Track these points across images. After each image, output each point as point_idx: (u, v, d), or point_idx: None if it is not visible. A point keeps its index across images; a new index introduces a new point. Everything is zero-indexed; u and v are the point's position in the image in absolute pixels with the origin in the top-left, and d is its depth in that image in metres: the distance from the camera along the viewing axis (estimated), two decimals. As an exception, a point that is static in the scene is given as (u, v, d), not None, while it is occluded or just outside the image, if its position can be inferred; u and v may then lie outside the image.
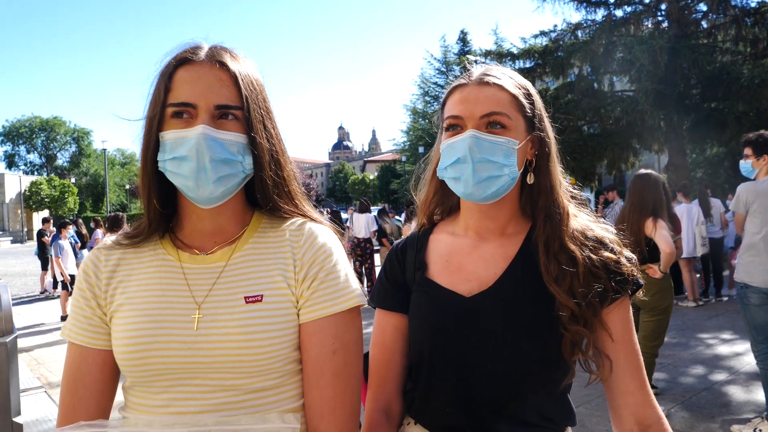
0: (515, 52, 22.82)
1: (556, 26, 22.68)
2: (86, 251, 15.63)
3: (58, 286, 13.56)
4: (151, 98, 1.45)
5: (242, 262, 1.50)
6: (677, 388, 6.89)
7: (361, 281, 14.75)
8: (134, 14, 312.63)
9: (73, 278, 12.73)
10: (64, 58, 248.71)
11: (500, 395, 1.58)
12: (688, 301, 11.88)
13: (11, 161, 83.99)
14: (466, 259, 1.71)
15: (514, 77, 1.68)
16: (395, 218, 19.18)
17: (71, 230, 15.56)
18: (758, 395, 6.47)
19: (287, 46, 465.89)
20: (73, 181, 68.88)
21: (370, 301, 1.83)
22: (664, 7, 20.38)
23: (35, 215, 60.07)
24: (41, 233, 18.01)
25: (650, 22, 21.53)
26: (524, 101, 1.63)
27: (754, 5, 19.28)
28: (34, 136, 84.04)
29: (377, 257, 15.37)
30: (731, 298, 12.43)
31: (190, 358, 1.37)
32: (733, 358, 8.03)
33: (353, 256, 14.87)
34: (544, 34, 22.78)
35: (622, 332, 1.60)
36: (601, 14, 21.66)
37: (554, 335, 1.54)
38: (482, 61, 25.01)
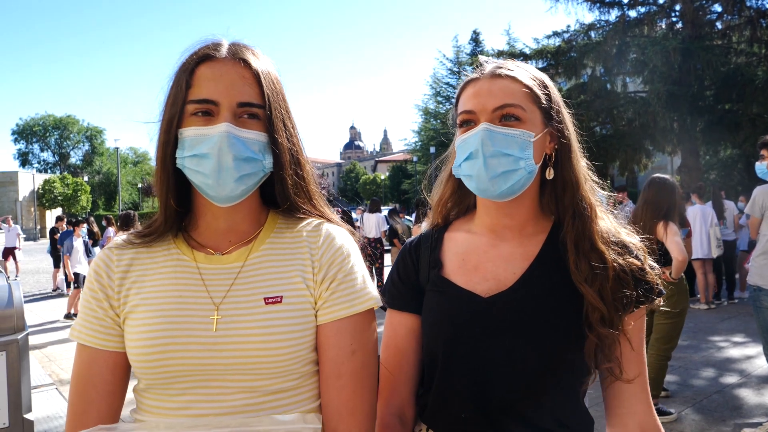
0: (528, 52, 22.80)
1: (569, 27, 22.69)
2: (98, 249, 15.68)
3: (71, 284, 13.57)
4: (169, 94, 1.43)
5: (260, 262, 1.48)
6: (688, 390, 6.86)
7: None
8: (149, 13, 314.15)
9: (83, 277, 12.76)
10: (78, 57, 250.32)
11: (517, 399, 1.51)
12: (700, 303, 11.82)
13: (25, 159, 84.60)
14: (483, 258, 1.64)
15: (528, 69, 1.62)
16: (405, 218, 19.18)
17: (84, 228, 15.62)
18: (770, 399, 6.44)
19: (299, 45, 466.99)
20: (85, 179, 69.46)
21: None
22: (678, 7, 20.30)
23: (48, 213, 60.48)
24: (54, 231, 18.11)
25: (664, 22, 21.44)
26: (539, 93, 1.57)
27: (769, 6, 19.19)
28: (47, 134, 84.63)
29: (387, 257, 15.35)
30: (742, 300, 12.40)
31: (209, 359, 1.35)
32: (744, 361, 7.98)
33: (363, 256, 14.83)
34: (557, 34, 22.76)
35: (637, 341, 1.57)
36: (614, 15, 21.65)
37: (577, 338, 1.49)
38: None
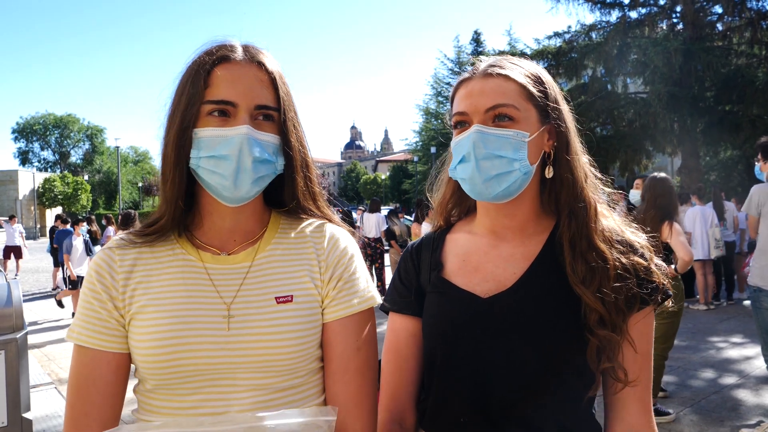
0: (528, 53, 22.84)
1: (570, 27, 22.68)
2: (98, 248, 15.67)
3: (67, 284, 13.54)
4: (183, 94, 1.42)
5: (268, 262, 1.50)
6: (687, 391, 6.86)
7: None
8: (149, 13, 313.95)
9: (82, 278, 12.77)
10: (78, 55, 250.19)
11: (517, 403, 1.48)
12: (699, 304, 11.82)
13: (25, 158, 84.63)
14: (483, 258, 1.62)
15: (523, 65, 1.59)
16: (405, 218, 19.15)
17: (84, 227, 15.60)
18: (767, 399, 6.47)
19: (300, 45, 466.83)
20: (86, 178, 69.46)
21: (383, 305, 1.77)
22: (679, 9, 20.29)
23: (48, 212, 60.40)
24: (54, 230, 18.10)
25: (665, 24, 21.43)
26: (534, 90, 1.53)
27: (770, 8, 19.18)
28: (48, 133, 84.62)
29: (386, 257, 15.35)
30: (739, 301, 12.42)
31: (222, 358, 1.37)
32: (743, 361, 7.98)
33: (363, 255, 14.81)
34: (557, 35, 22.77)
35: (641, 345, 1.51)
36: (615, 16, 21.65)
37: (578, 341, 1.45)
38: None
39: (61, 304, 13.39)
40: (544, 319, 1.49)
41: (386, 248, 15.01)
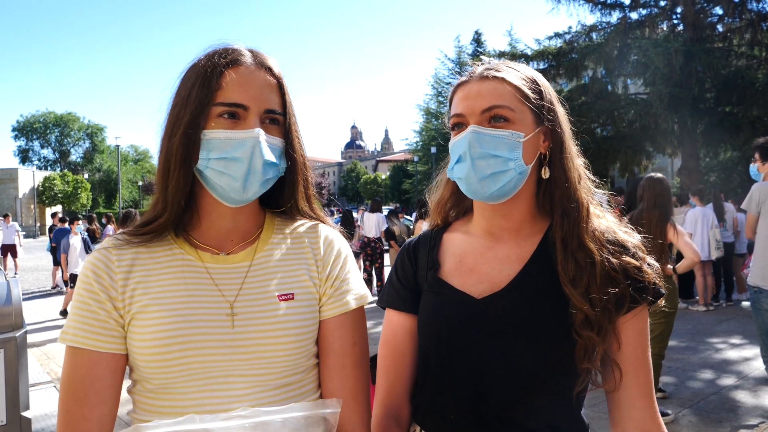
0: (529, 53, 22.76)
1: (570, 28, 22.64)
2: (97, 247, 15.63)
3: (67, 283, 13.49)
4: (191, 95, 1.43)
5: (267, 261, 1.54)
6: (685, 392, 6.86)
7: (370, 281, 14.77)
8: (150, 12, 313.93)
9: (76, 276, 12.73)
10: (79, 54, 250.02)
11: (508, 401, 1.51)
12: (699, 305, 11.83)
13: (25, 156, 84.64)
14: (479, 260, 1.65)
15: (519, 69, 1.62)
16: (405, 218, 19.15)
17: (81, 225, 15.54)
18: (766, 400, 6.47)
19: (300, 44, 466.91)
20: (86, 176, 69.37)
21: (379, 301, 1.82)
22: (679, 10, 20.27)
23: (48, 210, 60.32)
24: (53, 228, 18.10)
25: (665, 25, 21.41)
26: (529, 92, 1.56)
27: (770, 9, 19.17)
28: (48, 131, 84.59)
29: (386, 257, 15.36)
30: (738, 302, 12.43)
31: (228, 356, 1.39)
32: (742, 363, 7.98)
33: (363, 255, 14.86)
34: (558, 35, 22.73)
35: (636, 344, 1.54)
36: (616, 16, 21.62)
37: (568, 341, 1.48)
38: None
39: (66, 313, 13.13)
40: (537, 319, 1.52)
41: (386, 248, 15.03)
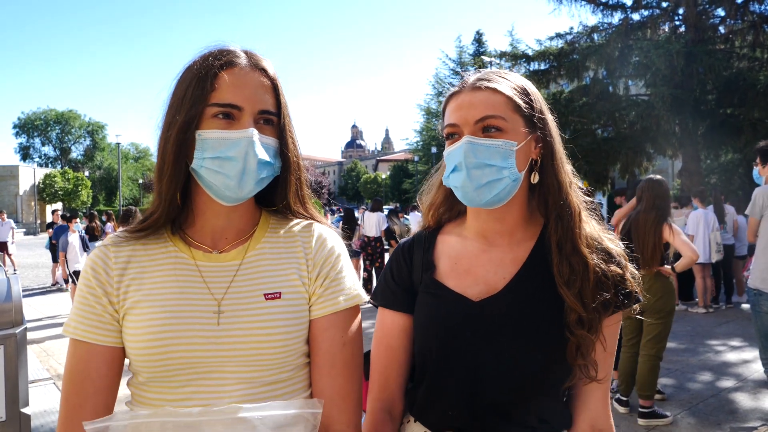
0: (530, 53, 22.69)
1: (572, 29, 22.56)
2: (98, 244, 15.61)
3: (68, 280, 13.44)
4: (186, 95, 1.47)
5: (257, 260, 1.56)
6: (684, 394, 6.87)
7: (370, 280, 14.78)
8: (150, 11, 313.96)
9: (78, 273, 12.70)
10: (80, 52, 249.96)
11: (504, 399, 1.58)
12: (698, 307, 11.82)
13: (26, 153, 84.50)
14: (474, 262, 1.70)
15: (510, 78, 1.67)
16: (405, 218, 19.16)
17: (79, 224, 15.50)
18: (765, 403, 6.48)
19: (300, 44, 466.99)
20: (86, 174, 69.15)
21: (373, 298, 1.86)
22: (681, 11, 20.22)
23: (48, 207, 60.27)
24: (52, 225, 18.08)
25: (667, 26, 21.38)
26: (520, 101, 1.62)
27: (772, 12, 19.14)
28: (48, 128, 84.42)
29: (387, 256, 15.36)
30: (738, 305, 12.43)
31: (212, 352, 1.43)
32: (741, 365, 7.99)
33: (363, 254, 14.87)
34: (559, 36, 22.67)
35: (611, 344, 1.64)
36: (617, 17, 21.52)
37: (561, 340, 1.55)
38: (497, 62, 24.95)
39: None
40: (533, 320, 1.58)
41: (386, 247, 15.03)
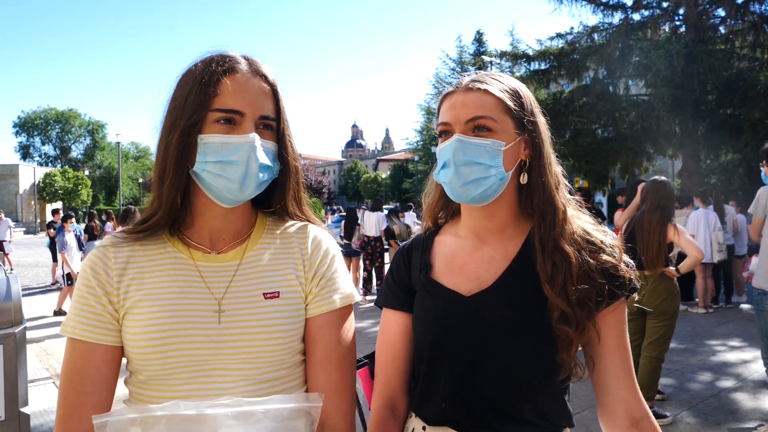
0: (530, 53, 22.68)
1: (572, 28, 22.54)
2: (97, 243, 15.55)
3: (66, 280, 13.35)
4: (189, 100, 1.49)
5: (255, 260, 1.61)
6: (684, 393, 6.87)
7: (370, 280, 14.79)
8: (151, 10, 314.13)
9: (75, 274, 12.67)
10: (80, 51, 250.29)
11: (497, 393, 1.62)
12: (698, 307, 11.82)
13: (26, 152, 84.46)
14: (468, 259, 1.76)
15: (502, 81, 1.72)
16: (405, 218, 19.13)
17: (74, 224, 15.46)
18: (765, 403, 6.48)
19: (301, 43, 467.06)
20: (86, 173, 69.13)
21: (377, 301, 1.93)
22: (682, 11, 20.23)
23: (48, 207, 60.23)
24: (51, 225, 18.07)
25: (667, 26, 21.38)
26: (511, 103, 1.67)
27: (773, 12, 19.13)
28: (49, 127, 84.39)
29: (387, 256, 15.36)
30: (738, 305, 12.44)
31: (213, 350, 1.47)
32: (741, 365, 7.99)
33: (363, 254, 14.87)
34: (560, 36, 22.65)
35: (617, 333, 1.66)
36: (618, 18, 21.52)
37: (551, 336, 1.58)
38: (497, 62, 24.97)
39: (59, 313, 13.05)
40: (522, 315, 1.63)
41: (386, 247, 15.03)
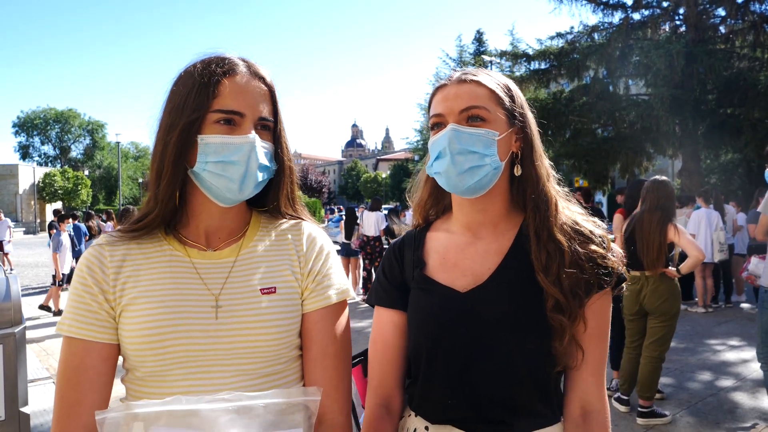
0: (531, 53, 22.68)
1: (572, 28, 22.53)
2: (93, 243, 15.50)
3: (56, 280, 13.25)
4: (188, 101, 1.51)
5: (251, 257, 1.63)
6: (683, 393, 6.88)
7: (370, 279, 14.79)
8: (151, 10, 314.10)
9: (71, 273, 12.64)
10: (80, 50, 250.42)
11: (499, 389, 1.62)
12: (697, 306, 11.83)
13: (25, 152, 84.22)
14: (461, 255, 1.76)
15: (494, 76, 1.74)
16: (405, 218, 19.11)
17: (71, 223, 15.44)
18: (764, 402, 6.48)
19: (301, 43, 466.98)
20: (86, 173, 69.00)
21: (368, 299, 1.93)
22: (682, 11, 20.23)
23: (48, 207, 60.18)
24: (51, 225, 18.05)
25: (668, 26, 21.38)
26: (503, 95, 1.69)
27: (773, 11, 19.12)
28: (48, 127, 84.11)
29: (386, 256, 15.33)
30: (737, 304, 12.45)
31: (211, 345, 1.49)
32: (740, 364, 8.00)
33: (363, 254, 14.87)
34: (560, 35, 22.64)
35: (596, 324, 1.65)
36: (618, 17, 21.53)
37: (547, 326, 1.60)
38: (497, 61, 24.96)
39: (47, 308, 13.13)
40: (518, 308, 1.64)
41: (386, 246, 15.02)
